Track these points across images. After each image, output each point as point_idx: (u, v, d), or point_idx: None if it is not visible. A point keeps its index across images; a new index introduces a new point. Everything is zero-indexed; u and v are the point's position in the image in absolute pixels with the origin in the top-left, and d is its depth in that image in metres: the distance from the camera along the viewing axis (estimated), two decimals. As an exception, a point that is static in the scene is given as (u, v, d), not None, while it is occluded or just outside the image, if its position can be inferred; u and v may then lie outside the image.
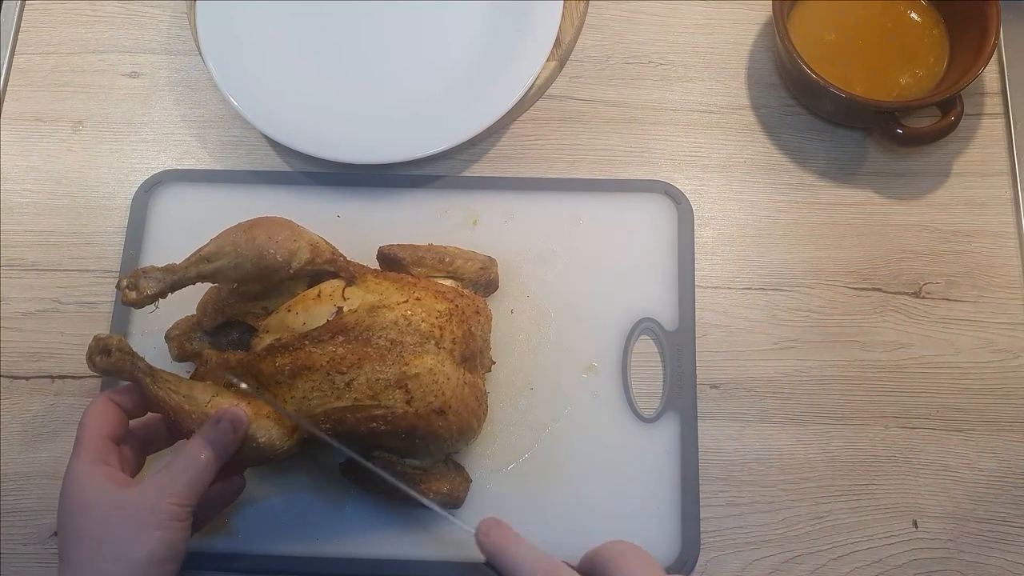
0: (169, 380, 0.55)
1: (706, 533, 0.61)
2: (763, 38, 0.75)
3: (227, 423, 0.52)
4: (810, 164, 0.71)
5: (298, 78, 0.72)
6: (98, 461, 0.51)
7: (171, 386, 0.55)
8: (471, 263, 0.63)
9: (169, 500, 0.49)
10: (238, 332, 0.61)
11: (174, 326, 0.62)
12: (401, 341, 0.55)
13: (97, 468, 0.51)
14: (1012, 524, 0.62)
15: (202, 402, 0.54)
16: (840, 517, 0.62)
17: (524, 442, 0.63)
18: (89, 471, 0.51)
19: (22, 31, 0.77)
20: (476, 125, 0.68)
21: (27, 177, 0.72)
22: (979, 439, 0.63)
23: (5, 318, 0.68)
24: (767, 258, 0.68)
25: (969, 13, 0.67)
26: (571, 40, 0.74)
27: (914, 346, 0.66)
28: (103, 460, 0.52)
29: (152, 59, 0.76)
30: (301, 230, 0.59)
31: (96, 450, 0.52)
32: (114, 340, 0.54)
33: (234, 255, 0.57)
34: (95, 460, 0.51)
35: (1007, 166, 0.70)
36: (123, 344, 0.54)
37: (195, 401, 0.54)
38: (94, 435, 0.52)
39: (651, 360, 0.65)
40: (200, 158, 0.72)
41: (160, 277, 0.57)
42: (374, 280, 0.59)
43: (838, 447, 0.63)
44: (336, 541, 0.61)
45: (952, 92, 0.65)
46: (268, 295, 0.59)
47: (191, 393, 0.55)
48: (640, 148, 0.72)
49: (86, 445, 0.52)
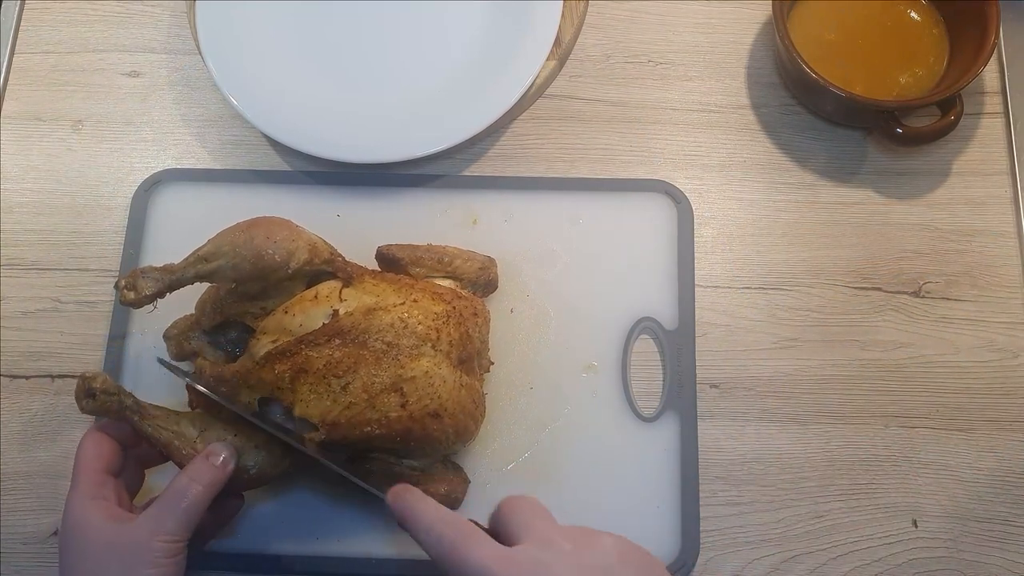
0: (157, 416, 0.55)
1: (706, 532, 0.61)
2: (763, 37, 0.75)
3: (216, 458, 0.53)
4: (810, 163, 0.71)
5: (298, 77, 0.72)
6: (94, 496, 0.52)
7: (159, 422, 0.55)
8: (470, 263, 0.63)
9: (160, 538, 0.49)
10: (236, 331, 0.61)
11: (172, 325, 0.62)
12: (397, 344, 0.55)
13: (92, 504, 0.51)
14: (1012, 524, 0.62)
15: (191, 437, 0.55)
16: (840, 516, 0.62)
17: (524, 441, 0.63)
18: (85, 507, 0.51)
19: (22, 30, 0.77)
20: (476, 124, 0.68)
21: (27, 176, 0.72)
22: (979, 438, 0.63)
23: (5, 317, 0.68)
24: (767, 257, 0.68)
25: (969, 12, 0.67)
26: (571, 39, 0.74)
27: (914, 345, 0.66)
28: (99, 495, 0.52)
29: (152, 58, 0.76)
30: (299, 230, 0.59)
31: (91, 485, 0.52)
32: (98, 382, 0.54)
33: (232, 255, 0.57)
34: (91, 495, 0.52)
35: (1007, 165, 0.70)
36: (107, 385, 0.54)
37: (184, 437, 0.55)
38: (89, 469, 0.53)
39: (651, 359, 0.65)
40: (200, 157, 0.72)
41: (158, 277, 0.57)
42: (371, 281, 0.59)
43: (838, 446, 0.63)
44: (336, 540, 0.61)
45: (952, 91, 0.65)
46: (266, 295, 0.59)
47: (179, 429, 0.55)
48: (640, 147, 0.71)
49: (81, 481, 0.52)
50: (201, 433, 0.55)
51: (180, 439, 0.54)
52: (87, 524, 0.50)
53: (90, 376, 0.54)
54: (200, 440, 0.54)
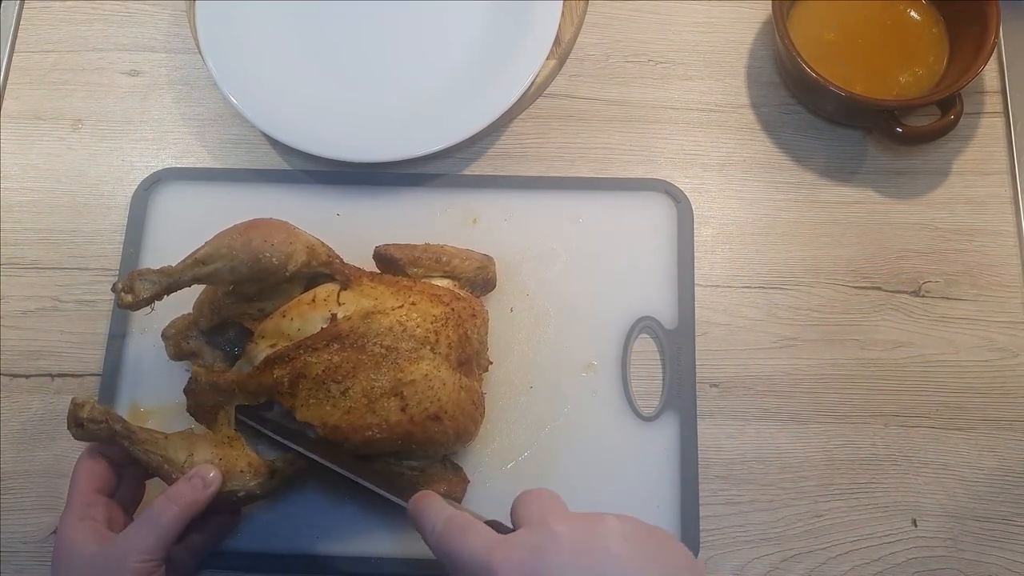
0: (146, 440, 0.55)
1: (705, 531, 0.61)
2: (763, 37, 0.75)
3: (198, 481, 0.54)
4: (810, 163, 0.71)
5: (298, 77, 0.72)
6: (82, 516, 0.53)
7: (148, 446, 0.55)
8: (468, 262, 0.63)
9: (134, 558, 0.51)
10: (234, 332, 0.61)
11: (170, 325, 0.62)
12: (396, 348, 0.55)
13: (80, 525, 0.53)
14: (1011, 523, 0.62)
15: (179, 461, 0.55)
16: (839, 515, 0.62)
17: (523, 441, 0.63)
18: (74, 528, 0.53)
19: (21, 29, 0.77)
20: (476, 124, 0.68)
21: (26, 175, 0.72)
22: (978, 437, 0.63)
23: (5, 316, 0.68)
24: (767, 256, 0.68)
25: (969, 12, 0.67)
26: (571, 39, 0.74)
27: (914, 345, 0.66)
28: (87, 515, 0.54)
29: (151, 57, 0.76)
30: (297, 232, 0.59)
31: (81, 505, 0.54)
32: (85, 411, 0.54)
33: (230, 258, 0.56)
34: (80, 516, 0.54)
35: (1007, 165, 0.70)
36: (94, 413, 0.54)
37: (172, 461, 0.55)
38: (80, 490, 0.55)
39: (651, 359, 0.65)
40: (199, 156, 0.72)
41: (156, 280, 0.57)
42: (369, 284, 0.59)
43: (837, 445, 0.63)
44: (336, 540, 0.61)
45: (952, 91, 0.65)
46: (264, 297, 0.59)
47: (167, 453, 0.55)
48: (640, 147, 0.71)
49: (72, 502, 0.54)
50: (188, 457, 0.55)
51: (169, 463, 0.55)
52: (73, 543, 0.52)
53: (78, 404, 0.54)
54: (188, 464, 0.55)
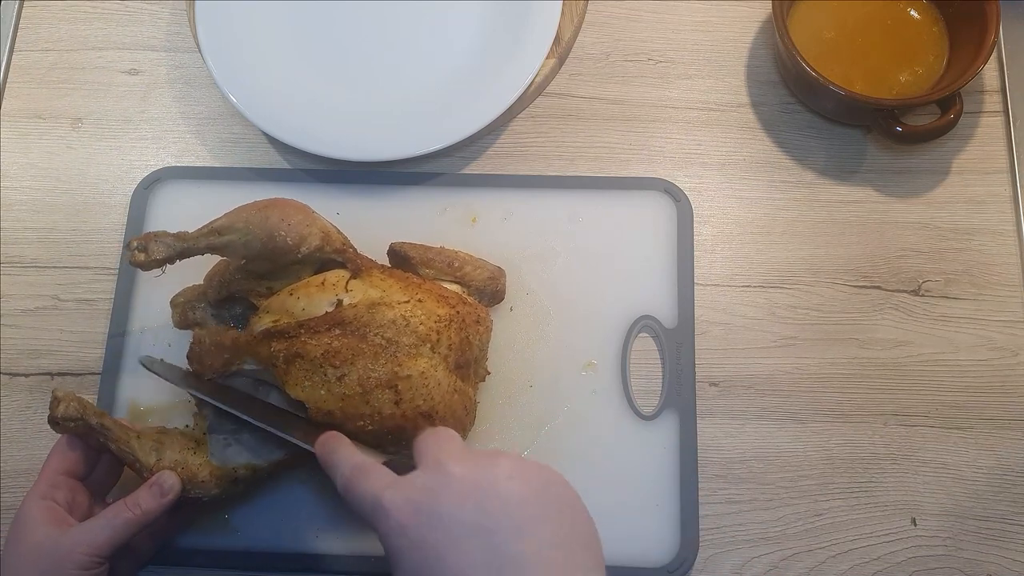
0: (120, 439, 0.56)
1: (705, 530, 0.61)
2: (763, 36, 0.75)
3: (156, 489, 0.55)
4: (810, 162, 0.71)
5: (297, 75, 0.72)
6: (44, 496, 0.54)
7: (122, 444, 0.56)
8: (480, 271, 0.63)
9: (81, 551, 0.51)
10: (241, 308, 0.62)
11: (180, 293, 0.63)
12: (397, 341, 0.55)
13: (41, 504, 0.54)
14: (1011, 522, 0.62)
15: (148, 464, 0.56)
16: (839, 515, 0.62)
17: (523, 439, 0.63)
18: (33, 506, 0.54)
19: (21, 28, 0.77)
20: (475, 123, 0.68)
21: (26, 174, 0.72)
22: (978, 437, 0.63)
23: (5, 315, 0.68)
24: (766, 255, 0.68)
25: (969, 11, 0.67)
26: (570, 38, 0.74)
27: (913, 344, 0.66)
28: (49, 495, 0.54)
29: (151, 56, 0.76)
30: (315, 216, 0.60)
31: (45, 485, 0.55)
32: (59, 410, 0.55)
33: (245, 231, 0.57)
34: (41, 495, 0.54)
35: (1006, 164, 0.70)
36: (68, 411, 0.55)
37: (141, 463, 0.56)
38: (48, 471, 0.56)
39: (650, 357, 0.65)
40: (199, 155, 0.72)
41: (170, 243, 0.57)
42: (380, 276, 0.59)
43: (837, 445, 0.63)
44: (336, 537, 0.61)
45: (951, 90, 0.65)
46: (274, 276, 0.59)
47: (136, 456, 0.56)
48: (639, 146, 0.71)
49: (39, 481, 0.55)
50: (155, 462, 0.56)
51: (138, 463, 0.56)
52: (28, 520, 0.53)
53: (54, 401, 0.55)
54: (156, 468, 0.56)
